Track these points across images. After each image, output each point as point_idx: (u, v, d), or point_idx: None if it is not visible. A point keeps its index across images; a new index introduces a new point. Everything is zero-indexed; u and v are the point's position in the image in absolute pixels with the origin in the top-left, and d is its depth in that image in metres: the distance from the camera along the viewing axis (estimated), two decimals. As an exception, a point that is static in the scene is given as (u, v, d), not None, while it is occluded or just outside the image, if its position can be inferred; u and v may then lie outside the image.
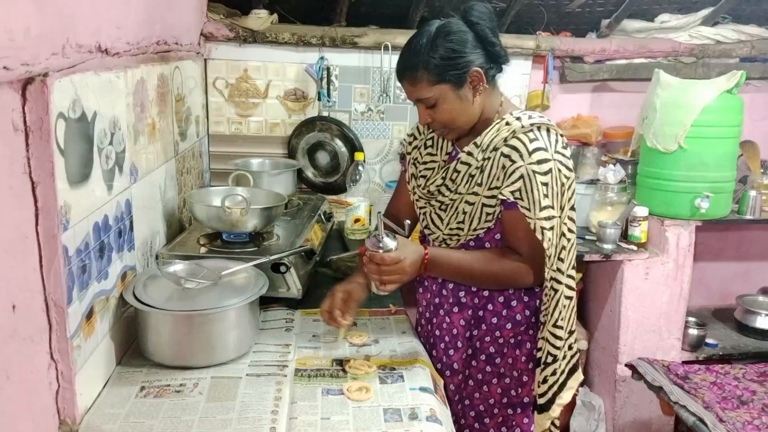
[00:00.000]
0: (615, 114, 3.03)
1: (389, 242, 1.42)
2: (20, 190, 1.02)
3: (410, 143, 1.75)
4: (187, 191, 2.12)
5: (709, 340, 2.78)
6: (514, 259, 1.51)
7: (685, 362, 2.58)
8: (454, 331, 1.66)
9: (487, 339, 1.63)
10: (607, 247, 2.56)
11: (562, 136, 1.53)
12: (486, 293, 1.61)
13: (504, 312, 1.61)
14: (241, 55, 2.64)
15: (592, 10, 2.88)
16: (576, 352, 1.63)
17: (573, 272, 1.55)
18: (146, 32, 1.64)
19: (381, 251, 1.41)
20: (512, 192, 1.46)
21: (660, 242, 2.61)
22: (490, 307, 1.61)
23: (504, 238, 1.55)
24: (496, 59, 1.51)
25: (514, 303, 1.60)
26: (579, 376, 1.64)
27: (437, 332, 1.70)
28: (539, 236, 1.45)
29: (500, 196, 1.48)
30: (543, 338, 1.56)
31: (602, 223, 2.58)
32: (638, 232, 2.59)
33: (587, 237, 2.65)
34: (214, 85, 2.65)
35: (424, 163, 1.68)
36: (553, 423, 1.61)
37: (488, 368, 1.64)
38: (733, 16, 2.96)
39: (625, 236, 2.63)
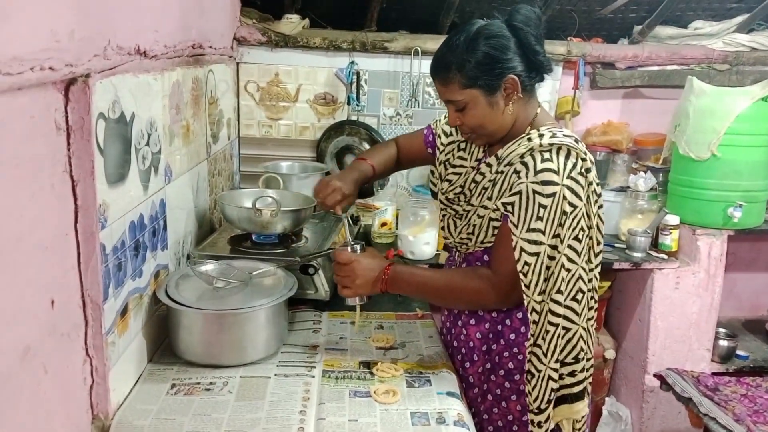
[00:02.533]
0: (646, 121, 3.00)
1: (354, 244, 1.49)
2: (61, 188, 1.04)
3: (447, 134, 1.69)
4: (217, 193, 2.15)
5: (739, 352, 2.73)
6: (482, 279, 1.46)
7: (714, 374, 2.54)
8: (471, 343, 1.61)
9: (506, 354, 1.55)
10: (637, 255, 2.53)
11: (584, 159, 1.41)
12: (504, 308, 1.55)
13: (522, 329, 1.53)
14: (272, 59, 2.67)
15: (624, 16, 2.86)
16: (575, 384, 1.48)
17: (574, 303, 1.43)
18: (182, 36, 1.67)
19: (348, 249, 1.48)
20: (504, 204, 1.41)
21: (691, 251, 2.57)
22: (507, 322, 1.55)
23: (491, 251, 1.50)
24: (537, 68, 1.44)
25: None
26: (571, 410, 1.48)
27: (455, 343, 1.66)
28: (516, 255, 1.38)
29: (495, 206, 1.45)
30: (539, 377, 1.44)
31: (632, 231, 2.55)
32: (669, 240, 2.56)
33: (617, 245, 2.63)
34: (246, 88, 2.68)
35: (453, 166, 1.65)
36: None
37: (507, 384, 1.57)
38: (768, 23, 2.92)
39: (655, 245, 2.60)
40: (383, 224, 2.48)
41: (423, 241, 2.32)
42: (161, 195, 1.50)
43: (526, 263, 1.38)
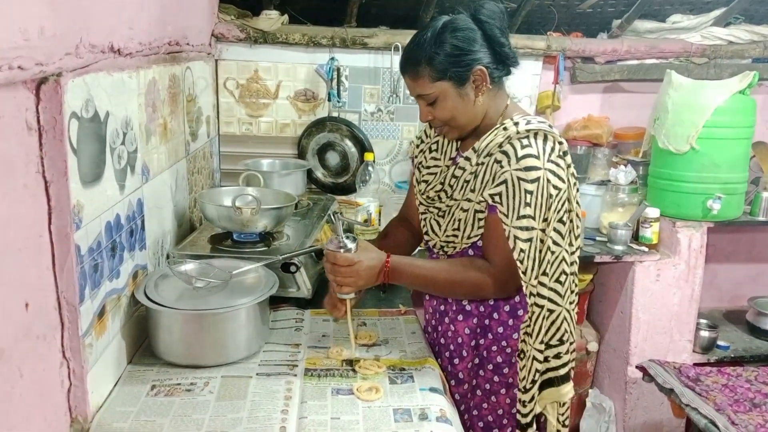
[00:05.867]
0: (626, 115, 3.02)
1: (348, 243, 1.43)
2: (34, 189, 1.03)
3: (417, 146, 1.72)
4: (197, 191, 2.13)
5: (720, 343, 2.76)
6: (481, 269, 1.47)
7: (696, 364, 2.57)
8: (459, 339, 1.62)
9: (494, 348, 1.58)
10: (618, 248, 2.55)
11: (561, 143, 1.47)
12: (491, 301, 1.57)
13: (510, 321, 1.56)
14: (251, 56, 2.65)
15: (603, 10, 2.87)
16: (561, 366, 1.54)
17: (557, 285, 1.49)
18: (158, 33, 1.65)
19: (341, 251, 1.42)
20: (492, 195, 1.43)
21: (671, 244, 2.59)
22: (495, 316, 1.57)
23: (482, 244, 1.52)
24: (503, 60, 1.47)
25: (520, 312, 1.55)
26: (558, 393, 1.54)
27: (442, 340, 1.67)
28: (511, 244, 1.41)
29: (480, 198, 1.46)
30: (527, 356, 1.50)
31: (613, 225, 2.57)
32: (649, 233, 2.58)
33: (598, 238, 2.64)
34: (225, 85, 2.66)
35: (428, 167, 1.66)
36: (563, 423, 1.59)
37: (496, 378, 1.60)
38: (745, 16, 2.94)
39: (636, 237, 2.62)
40: (366, 221, 2.47)
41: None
42: (138, 194, 1.48)
43: (521, 250, 1.41)
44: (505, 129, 1.46)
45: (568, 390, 1.55)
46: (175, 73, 1.84)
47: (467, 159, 1.52)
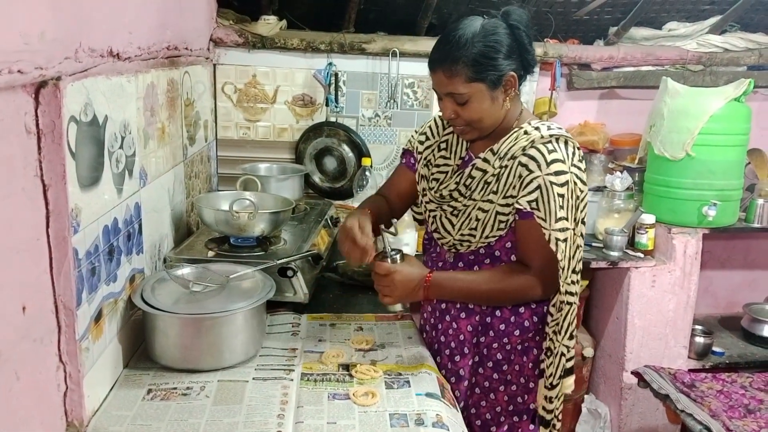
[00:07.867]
0: (622, 121, 3.03)
1: (394, 255, 1.49)
2: (32, 192, 1.03)
3: (422, 142, 1.71)
4: (195, 195, 2.13)
5: (715, 349, 2.77)
6: (521, 275, 1.51)
7: (691, 370, 2.57)
8: (461, 337, 1.64)
9: (495, 346, 1.61)
10: (614, 254, 2.56)
11: (578, 148, 1.52)
12: None
13: (512, 318, 1.59)
14: (249, 61, 2.65)
15: (600, 17, 2.88)
16: (572, 357, 1.59)
17: (577, 277, 1.54)
18: (157, 37, 1.65)
19: (387, 260, 1.48)
20: (529, 202, 1.46)
21: (667, 250, 2.60)
22: (497, 313, 1.60)
23: (516, 249, 1.54)
24: (527, 67, 1.49)
25: (521, 309, 1.59)
26: (564, 385, 1.59)
27: (442, 338, 1.68)
28: (553, 247, 1.45)
29: (516, 206, 1.48)
30: (555, 353, 1.54)
31: (609, 231, 2.58)
32: (645, 239, 2.59)
33: (594, 244, 2.65)
34: (223, 90, 2.67)
35: (437, 165, 1.66)
36: (557, 417, 1.61)
37: (495, 375, 1.62)
38: (741, 24, 2.97)
39: (631, 244, 2.63)
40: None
41: (403, 242, 2.32)
42: (136, 198, 1.48)
43: (562, 252, 1.46)
44: (526, 133, 1.49)
45: (571, 383, 1.60)
46: (174, 77, 1.84)
47: (485, 161, 1.53)
